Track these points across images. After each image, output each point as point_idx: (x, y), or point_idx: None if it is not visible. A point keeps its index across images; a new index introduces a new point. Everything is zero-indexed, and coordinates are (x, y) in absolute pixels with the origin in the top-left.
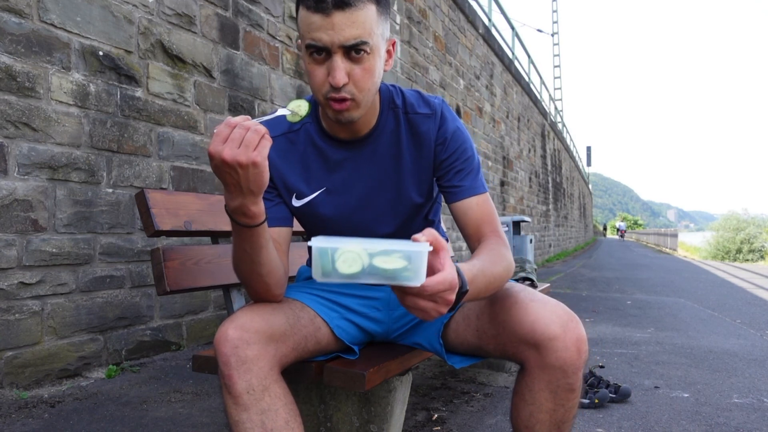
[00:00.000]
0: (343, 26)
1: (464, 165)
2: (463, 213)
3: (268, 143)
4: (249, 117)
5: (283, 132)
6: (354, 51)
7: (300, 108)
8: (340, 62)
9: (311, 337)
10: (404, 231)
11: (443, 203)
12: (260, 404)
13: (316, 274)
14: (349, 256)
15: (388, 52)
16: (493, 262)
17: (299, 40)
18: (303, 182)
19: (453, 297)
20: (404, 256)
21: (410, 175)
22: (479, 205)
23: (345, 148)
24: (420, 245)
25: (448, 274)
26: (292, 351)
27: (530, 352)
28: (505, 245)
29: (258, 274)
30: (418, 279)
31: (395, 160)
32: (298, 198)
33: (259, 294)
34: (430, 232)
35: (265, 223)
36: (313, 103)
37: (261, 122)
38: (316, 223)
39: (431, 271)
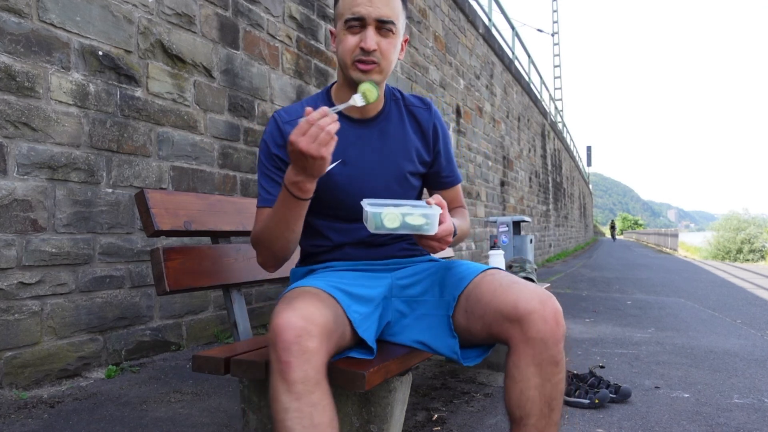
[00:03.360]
0: (379, 4)
1: (449, 156)
2: (451, 198)
3: (334, 142)
4: (327, 111)
5: (301, 116)
6: (384, 27)
7: (371, 93)
8: (372, 33)
9: (343, 335)
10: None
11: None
12: (312, 397)
13: (371, 227)
14: (391, 216)
15: (401, 45)
16: (463, 222)
17: (334, 23)
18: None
19: (452, 239)
20: (425, 215)
21: (413, 153)
22: (458, 190)
23: (358, 126)
24: (434, 208)
25: (449, 224)
26: (333, 348)
27: (514, 329)
28: (467, 211)
29: (286, 240)
30: (433, 230)
31: (401, 140)
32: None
33: (276, 255)
34: (437, 197)
35: (309, 200)
36: (325, 94)
37: (336, 111)
38: (329, 190)
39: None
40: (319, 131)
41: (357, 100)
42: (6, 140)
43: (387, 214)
